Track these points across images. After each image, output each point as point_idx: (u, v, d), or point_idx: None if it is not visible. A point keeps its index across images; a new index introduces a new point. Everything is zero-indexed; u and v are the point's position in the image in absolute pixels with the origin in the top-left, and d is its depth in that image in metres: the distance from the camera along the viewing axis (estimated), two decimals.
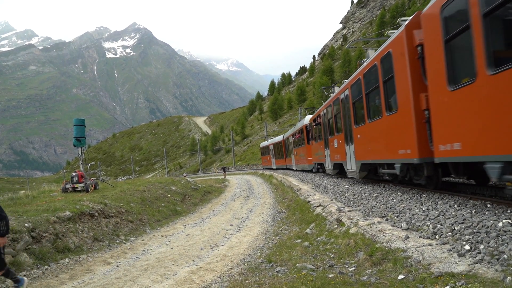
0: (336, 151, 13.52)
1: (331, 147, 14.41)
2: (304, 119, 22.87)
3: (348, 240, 5.38)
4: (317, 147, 18.31)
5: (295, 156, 27.30)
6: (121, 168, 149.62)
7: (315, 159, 19.76)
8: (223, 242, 8.31)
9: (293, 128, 28.29)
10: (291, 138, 28.17)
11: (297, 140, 25.36)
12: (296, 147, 26.27)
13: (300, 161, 25.77)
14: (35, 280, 6.00)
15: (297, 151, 26.14)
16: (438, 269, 3.47)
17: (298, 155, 25.81)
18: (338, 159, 13.26)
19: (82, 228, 8.69)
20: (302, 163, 24.61)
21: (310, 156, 21.24)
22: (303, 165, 24.26)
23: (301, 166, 25.46)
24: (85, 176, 14.15)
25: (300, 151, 25.00)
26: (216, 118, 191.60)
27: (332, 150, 14.33)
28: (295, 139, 26.36)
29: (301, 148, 24.26)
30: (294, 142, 26.80)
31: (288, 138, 30.77)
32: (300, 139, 24.11)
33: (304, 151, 22.83)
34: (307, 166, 22.94)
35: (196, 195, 18.63)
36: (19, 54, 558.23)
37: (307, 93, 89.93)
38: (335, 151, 13.61)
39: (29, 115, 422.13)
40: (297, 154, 26.32)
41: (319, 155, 17.94)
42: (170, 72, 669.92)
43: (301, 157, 24.76)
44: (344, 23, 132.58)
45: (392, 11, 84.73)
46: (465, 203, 5.63)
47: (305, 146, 22.35)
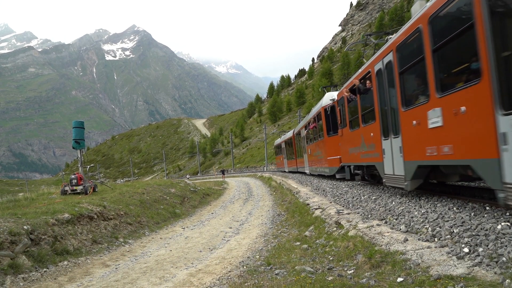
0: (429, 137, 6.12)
1: (408, 130, 6.94)
2: (323, 99, 15.48)
3: (347, 242, 5.38)
4: (353, 138, 10.88)
5: (309, 156, 20.37)
6: (120, 171, 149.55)
7: (348, 157, 11.90)
8: (222, 245, 8.30)
9: (306, 117, 21.11)
10: (303, 131, 21.22)
11: (312, 132, 18.45)
12: (310, 143, 19.27)
13: (315, 162, 18.41)
14: (34, 282, 5.98)
15: (312, 148, 18.99)
16: (437, 271, 3.47)
17: (313, 153, 18.76)
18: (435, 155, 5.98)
19: (81, 231, 8.67)
20: (319, 165, 17.19)
21: (332, 154, 14.19)
22: (320, 167, 16.92)
23: (318, 169, 18.00)
24: (84, 178, 14.12)
25: (315, 148, 17.84)
26: (215, 120, 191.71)
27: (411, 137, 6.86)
28: (308, 131, 19.38)
29: (317, 143, 17.25)
30: (307, 136, 20.01)
31: (299, 132, 23.41)
32: (316, 131, 17.20)
33: (322, 147, 15.77)
34: (326, 169, 15.65)
35: (195, 197, 18.61)
36: (19, 56, 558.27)
37: (306, 95, 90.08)
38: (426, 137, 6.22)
39: (28, 117, 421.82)
40: (312, 153, 19.23)
41: (360, 151, 10.22)
42: (169, 75, 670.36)
43: (317, 157, 17.66)
44: (343, 26, 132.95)
45: (391, 13, 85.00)
46: (464, 205, 5.64)
47: (323, 139, 15.36)
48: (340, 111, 12.20)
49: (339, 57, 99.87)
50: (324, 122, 15.15)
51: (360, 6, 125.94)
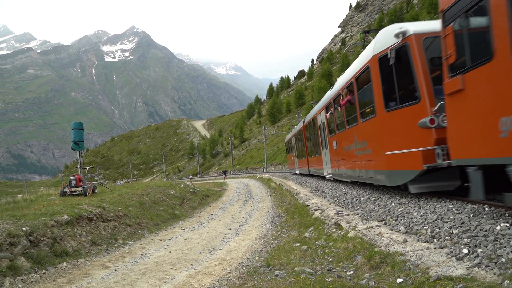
0: None
1: None
2: (373, 42, 8.03)
3: (346, 243, 5.38)
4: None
5: (333, 152, 12.91)
6: (120, 172, 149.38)
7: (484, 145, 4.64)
8: (222, 246, 8.29)
9: (329, 92, 13.26)
10: (322, 115, 14.26)
11: (342, 113, 11.03)
12: (337, 131, 11.93)
13: (349, 162, 10.93)
14: (33, 284, 5.97)
15: (341, 139, 11.61)
16: (436, 272, 3.48)
17: (343, 147, 11.40)
18: None
19: (80, 232, 8.66)
20: (359, 166, 9.81)
21: (400, 145, 7.18)
22: (363, 171, 9.47)
23: (355, 172, 10.37)
24: (83, 179, 14.11)
25: (349, 137, 10.53)
26: (214, 121, 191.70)
27: None
28: (332, 113, 12.36)
29: (355, 129, 9.77)
30: (330, 120, 12.85)
31: (313, 120, 16.49)
32: (353, 108, 9.84)
33: (372, 133, 8.52)
34: (380, 174, 8.27)
35: (194, 198, 18.60)
36: (17, 57, 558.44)
37: (305, 96, 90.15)
38: None
39: (27, 118, 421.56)
40: (340, 147, 11.83)
41: None
42: (169, 76, 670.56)
43: (352, 152, 10.30)
44: (342, 27, 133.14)
45: (390, 15, 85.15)
46: (463, 206, 5.64)
47: (375, 119, 8.02)
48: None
49: (338, 58, 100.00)
50: (380, 84, 7.56)
51: (359, 8, 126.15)
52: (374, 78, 7.82)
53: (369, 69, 8.01)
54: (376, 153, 8.34)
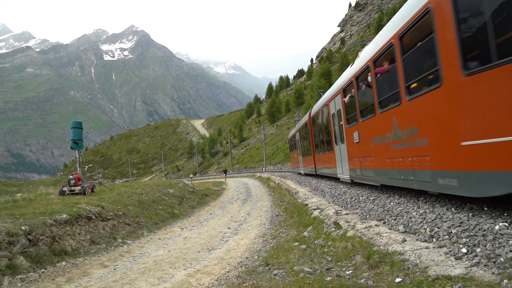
0: None
1: None
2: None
3: (345, 243, 5.38)
4: None
5: (359, 146, 9.56)
6: (119, 171, 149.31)
7: None
8: (221, 245, 8.30)
9: (348, 70, 10.37)
10: (338, 101, 11.32)
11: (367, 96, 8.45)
12: (365, 118, 8.71)
13: (404, 161, 6.69)
14: (32, 283, 5.96)
15: (370, 127, 8.46)
16: (435, 272, 3.48)
17: (380, 137, 7.78)
18: None
19: (79, 231, 8.65)
20: (417, 167, 6.16)
21: None
22: (413, 174, 6.33)
23: (402, 176, 6.85)
24: (83, 178, 14.10)
25: (387, 121, 7.23)
26: (214, 121, 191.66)
27: None
28: (351, 97, 9.74)
29: (396, 110, 6.75)
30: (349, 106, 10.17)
31: (324, 108, 13.56)
32: (389, 85, 7.10)
33: (433, 112, 5.43)
34: (458, 181, 4.98)
35: (193, 198, 18.60)
36: (17, 56, 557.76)
37: (305, 96, 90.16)
38: None
39: (26, 117, 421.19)
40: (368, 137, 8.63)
41: None
42: (168, 75, 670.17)
43: (405, 142, 6.52)
44: (342, 26, 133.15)
45: (389, 14, 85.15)
46: (462, 206, 5.65)
47: (441, 87, 5.05)
48: None
49: (337, 57, 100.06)
50: (455, 30, 4.62)
51: (359, 7, 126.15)
52: (441, 25, 4.92)
53: (430, 13, 5.15)
54: (438, 144, 5.53)
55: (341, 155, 11.78)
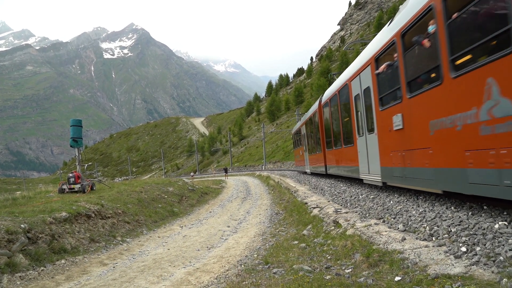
0: None
1: None
2: None
3: (345, 241, 5.38)
4: None
5: (401, 135, 6.76)
6: (118, 169, 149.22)
7: None
8: (220, 244, 8.29)
9: (385, 29, 7.40)
10: (367, 75, 8.33)
11: (422, 57, 5.79)
12: (414, 93, 6.00)
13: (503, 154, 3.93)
14: (31, 281, 5.96)
15: (425, 105, 5.69)
16: (434, 270, 3.48)
17: (447, 118, 5.03)
18: None
19: (78, 229, 8.65)
20: None
21: None
22: None
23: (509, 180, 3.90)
24: (82, 177, 14.10)
25: (468, 93, 4.43)
26: (213, 119, 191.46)
27: None
28: (389, 65, 7.03)
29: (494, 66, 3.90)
30: (387, 80, 7.32)
31: (343, 89, 10.82)
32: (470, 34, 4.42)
33: None
34: None
35: (193, 196, 18.60)
36: (16, 54, 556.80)
37: (304, 94, 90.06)
38: None
39: (26, 115, 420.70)
40: (422, 120, 5.80)
41: None
42: (168, 73, 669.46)
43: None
44: (341, 25, 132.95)
45: (389, 13, 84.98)
46: (462, 205, 5.65)
47: None
48: None
49: (337, 56, 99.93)
50: None
51: (359, 5, 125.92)
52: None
53: None
54: None
55: (366, 149, 9.10)
